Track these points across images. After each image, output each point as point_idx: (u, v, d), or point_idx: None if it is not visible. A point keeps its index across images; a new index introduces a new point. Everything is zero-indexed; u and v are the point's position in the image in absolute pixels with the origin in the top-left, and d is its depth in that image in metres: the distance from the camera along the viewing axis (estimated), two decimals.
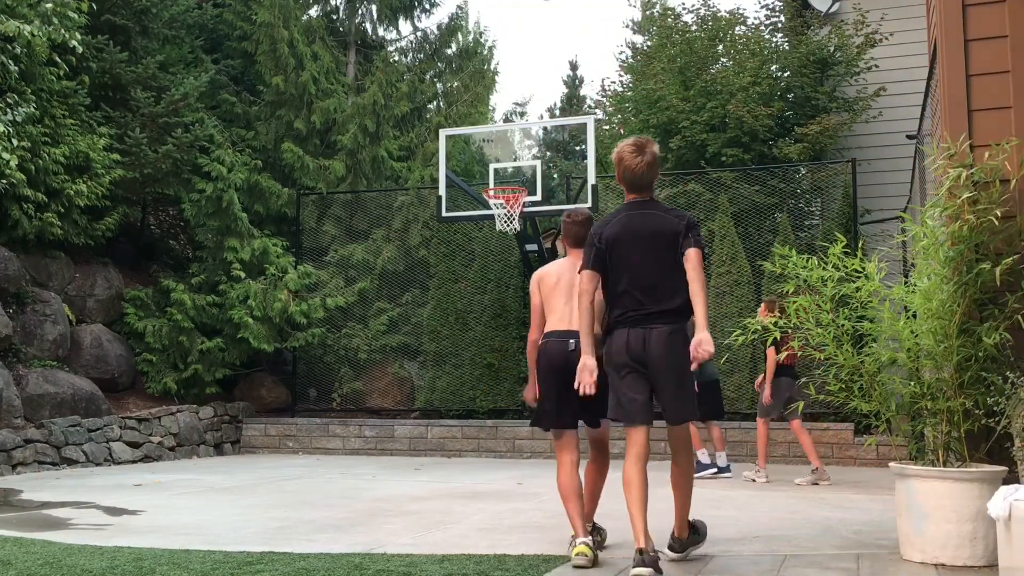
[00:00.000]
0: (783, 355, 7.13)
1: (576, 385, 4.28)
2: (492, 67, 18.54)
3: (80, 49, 10.60)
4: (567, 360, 4.51)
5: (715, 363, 8.98)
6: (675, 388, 4.20)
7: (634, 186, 4.41)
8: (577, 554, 4.31)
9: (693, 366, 4.18)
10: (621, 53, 15.21)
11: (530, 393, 4.84)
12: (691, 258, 4.15)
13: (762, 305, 8.48)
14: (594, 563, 4.33)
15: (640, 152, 4.35)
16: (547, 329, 4.72)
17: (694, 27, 13.49)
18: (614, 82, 15.75)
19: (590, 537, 4.48)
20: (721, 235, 11.05)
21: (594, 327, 4.34)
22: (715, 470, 8.78)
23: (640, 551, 4.00)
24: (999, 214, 4.46)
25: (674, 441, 4.48)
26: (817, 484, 8.01)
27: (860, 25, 12.15)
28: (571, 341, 4.55)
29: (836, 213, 10.95)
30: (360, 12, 15.70)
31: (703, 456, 8.78)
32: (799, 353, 5.51)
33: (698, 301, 4.08)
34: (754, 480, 8.36)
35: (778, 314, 7.85)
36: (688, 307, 4.19)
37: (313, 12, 15.10)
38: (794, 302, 4.87)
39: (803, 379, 8.30)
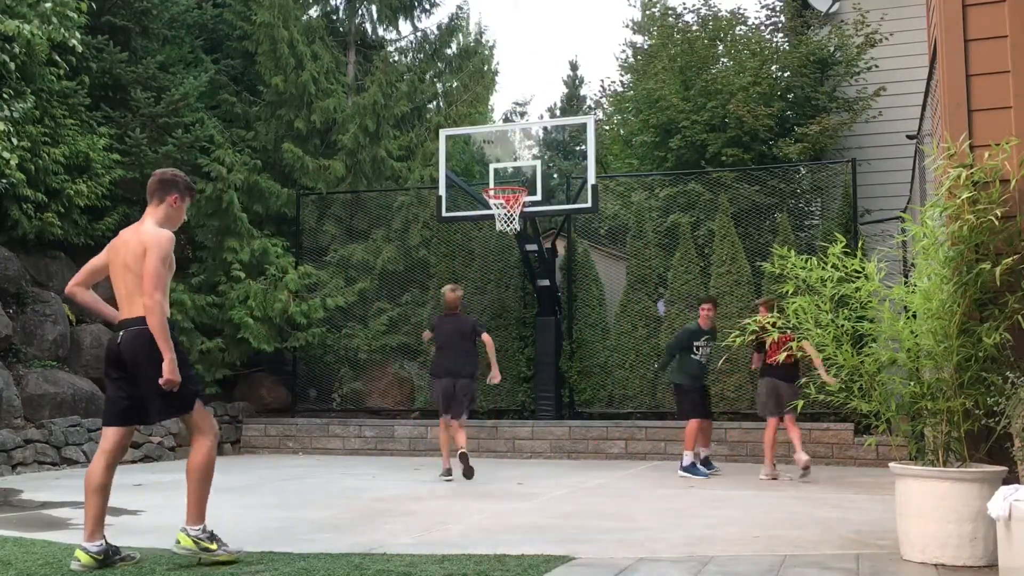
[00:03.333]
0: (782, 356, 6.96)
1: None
2: (492, 67, 18.55)
3: (80, 49, 10.60)
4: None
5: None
6: None
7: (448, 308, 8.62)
8: None
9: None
10: (621, 53, 15.24)
11: None
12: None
13: (761, 307, 8.40)
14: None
15: (453, 291, 8.77)
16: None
17: (694, 27, 13.50)
18: (614, 82, 15.77)
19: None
20: (721, 235, 11.04)
21: None
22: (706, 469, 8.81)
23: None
24: (999, 214, 4.46)
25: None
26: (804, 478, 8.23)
27: (860, 25, 12.15)
28: (119, 334, 4.56)
29: (836, 213, 10.95)
30: (360, 12, 15.69)
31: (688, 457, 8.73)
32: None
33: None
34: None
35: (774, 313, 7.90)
36: None
37: (313, 12, 15.09)
38: (793, 302, 4.87)
39: (803, 379, 8.27)
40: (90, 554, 4.38)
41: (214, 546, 4.43)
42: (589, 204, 10.56)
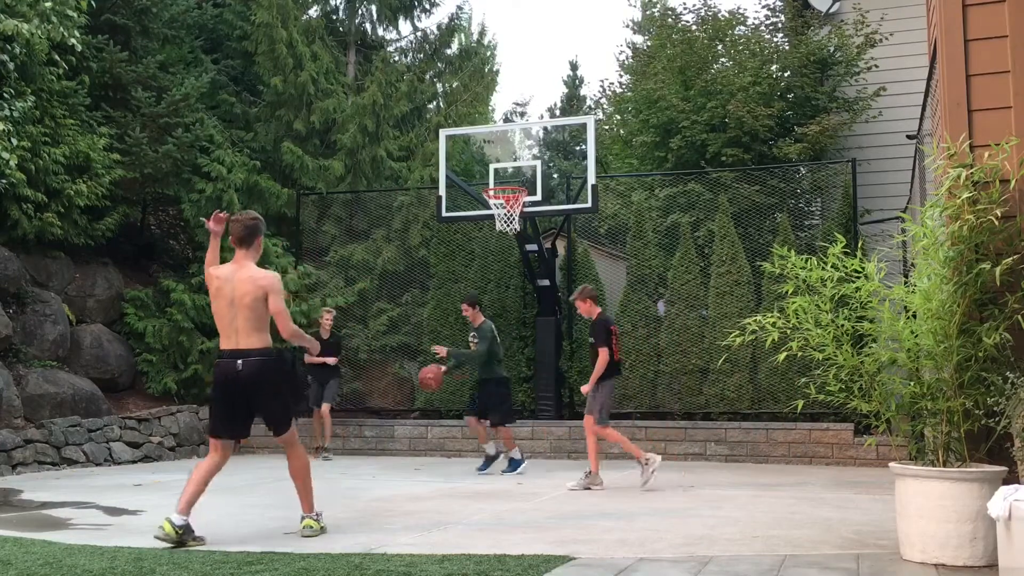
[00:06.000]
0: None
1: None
2: (492, 67, 18.56)
3: (80, 49, 10.59)
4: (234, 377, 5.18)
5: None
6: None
7: None
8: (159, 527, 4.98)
9: None
10: (621, 53, 15.23)
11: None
12: None
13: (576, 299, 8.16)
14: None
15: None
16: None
17: (694, 27, 13.49)
18: (614, 83, 15.77)
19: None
20: (721, 235, 11.04)
21: None
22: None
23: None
24: (999, 214, 4.46)
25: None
26: (589, 488, 7.59)
27: (860, 25, 12.15)
28: (239, 361, 5.15)
29: (836, 213, 10.95)
30: (360, 12, 15.69)
31: (516, 453, 9.20)
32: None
33: None
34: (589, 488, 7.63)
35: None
36: None
37: (313, 12, 15.10)
38: (793, 302, 4.87)
39: (803, 379, 8.26)
40: (174, 526, 4.96)
41: (322, 524, 5.43)
42: (589, 204, 10.56)
